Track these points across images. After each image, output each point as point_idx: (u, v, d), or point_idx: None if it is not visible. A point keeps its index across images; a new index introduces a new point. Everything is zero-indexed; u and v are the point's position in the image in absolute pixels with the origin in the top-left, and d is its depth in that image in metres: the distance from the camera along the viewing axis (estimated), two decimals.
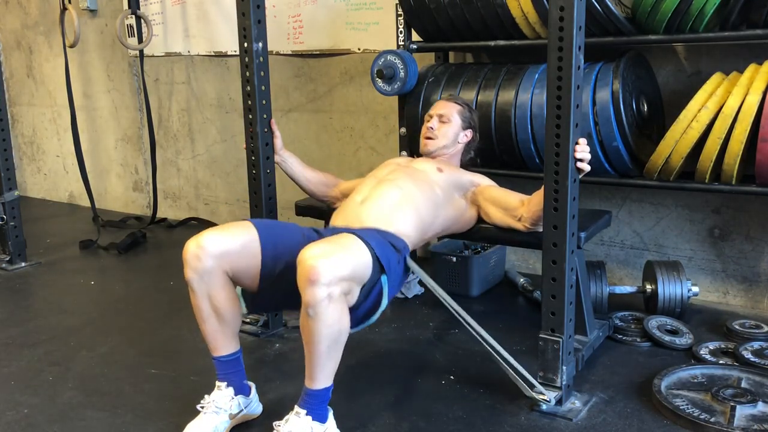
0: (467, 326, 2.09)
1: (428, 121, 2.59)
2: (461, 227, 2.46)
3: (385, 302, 2.01)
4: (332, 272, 1.72)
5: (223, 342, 1.99)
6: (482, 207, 2.42)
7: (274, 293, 2.05)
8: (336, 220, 2.31)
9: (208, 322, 1.96)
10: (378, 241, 1.97)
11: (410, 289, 3.04)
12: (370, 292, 1.94)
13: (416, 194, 2.28)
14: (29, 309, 3.10)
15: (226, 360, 1.99)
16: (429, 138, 2.54)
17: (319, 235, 2.11)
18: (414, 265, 2.18)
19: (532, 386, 2.05)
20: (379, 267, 1.92)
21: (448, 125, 2.54)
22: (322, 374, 1.80)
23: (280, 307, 2.22)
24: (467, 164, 2.62)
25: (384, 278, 1.96)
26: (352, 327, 1.89)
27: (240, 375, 2.01)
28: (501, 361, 2.06)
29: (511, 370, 2.06)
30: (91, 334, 2.74)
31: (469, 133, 2.59)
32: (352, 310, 1.87)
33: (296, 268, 1.77)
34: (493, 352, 2.07)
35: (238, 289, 2.05)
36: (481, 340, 2.08)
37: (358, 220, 2.19)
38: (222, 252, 1.92)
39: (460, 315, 2.09)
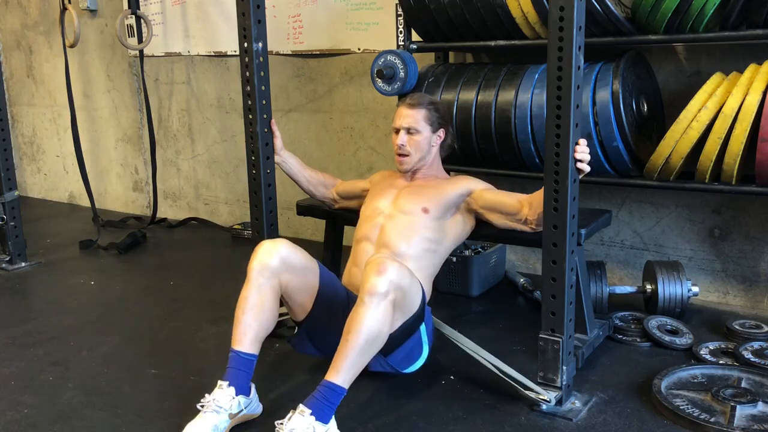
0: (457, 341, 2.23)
1: (395, 137, 2.45)
2: (462, 239, 2.47)
3: (426, 350, 2.18)
4: (397, 275, 1.89)
5: (250, 338, 2.02)
6: (481, 215, 2.40)
7: (316, 333, 2.22)
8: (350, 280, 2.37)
9: (247, 313, 2.03)
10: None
11: None
12: (407, 336, 2.07)
13: (414, 255, 2.29)
14: (29, 309, 3.10)
15: (243, 357, 2.01)
16: (402, 155, 2.44)
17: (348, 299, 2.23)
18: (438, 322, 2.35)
19: (529, 390, 2.07)
20: (422, 312, 2.07)
21: (417, 136, 2.42)
22: (348, 370, 1.84)
23: (317, 350, 2.27)
24: (447, 156, 2.57)
25: (423, 327, 2.11)
26: (395, 365, 2.08)
27: (246, 377, 2.01)
28: (498, 372, 2.13)
29: (508, 379, 2.11)
30: (91, 334, 2.74)
31: (441, 132, 2.48)
32: (389, 347, 1.99)
33: (343, 320, 1.90)
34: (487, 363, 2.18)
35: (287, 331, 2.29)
36: (468, 349, 2.24)
37: None
38: (289, 262, 2.09)
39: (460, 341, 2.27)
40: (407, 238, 2.30)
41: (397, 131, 2.45)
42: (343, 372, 1.84)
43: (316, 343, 2.24)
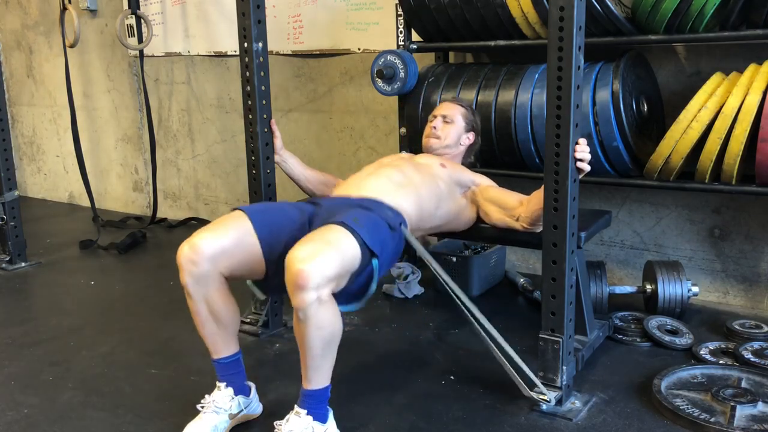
0: (468, 315, 2.08)
1: (431, 121, 2.60)
2: (460, 225, 2.46)
3: (374, 284, 1.97)
4: (320, 275, 1.69)
5: (222, 344, 1.98)
6: (481, 206, 2.42)
7: (282, 275, 1.98)
8: (337, 189, 2.35)
9: (206, 325, 1.96)
10: (370, 223, 1.93)
11: (410, 289, 3.04)
12: (359, 275, 1.89)
13: (419, 181, 2.30)
14: (29, 309, 3.10)
15: (225, 362, 1.99)
16: (432, 137, 2.57)
17: (315, 206, 2.13)
18: (413, 239, 2.14)
19: (532, 385, 2.05)
20: (369, 253, 1.88)
21: (451, 126, 2.56)
22: (318, 375, 1.80)
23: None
24: (467, 168, 2.62)
25: (375, 262, 1.91)
26: (341, 304, 1.87)
27: (240, 376, 2.01)
28: (503, 358, 2.06)
29: (511, 367, 2.05)
30: (91, 334, 2.74)
31: (471, 135, 2.61)
32: (339, 292, 1.84)
33: (301, 233, 1.81)
34: (493, 345, 2.07)
35: (248, 281, 2.06)
36: (479, 329, 2.08)
37: (357, 189, 2.23)
38: (217, 252, 1.89)
39: (459, 298, 2.10)
40: (419, 171, 2.34)
41: (434, 118, 2.59)
42: (314, 378, 1.79)
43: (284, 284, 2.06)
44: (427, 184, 2.31)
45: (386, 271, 2.12)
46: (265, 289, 2.11)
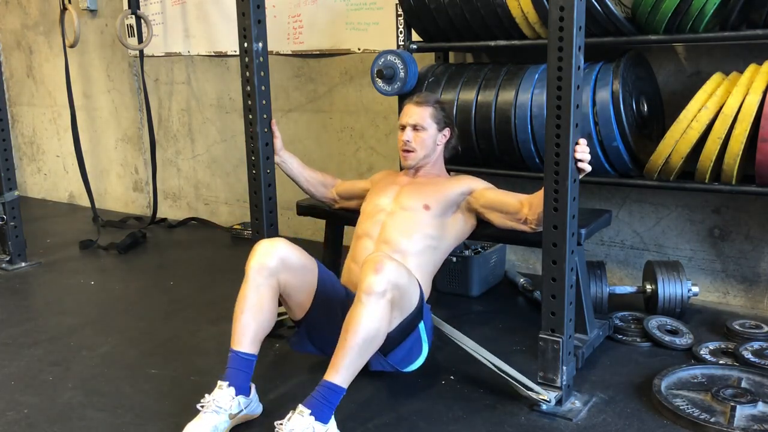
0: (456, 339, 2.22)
1: (401, 133, 2.48)
2: (462, 238, 2.48)
3: (425, 348, 2.17)
4: (395, 273, 1.88)
5: (249, 339, 2.02)
6: (482, 214, 2.40)
7: (315, 332, 2.22)
8: (353, 275, 2.34)
9: (246, 313, 2.03)
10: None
11: None
12: (407, 334, 2.06)
13: (415, 251, 2.30)
14: (29, 309, 3.10)
15: (243, 357, 2.00)
16: (407, 151, 2.46)
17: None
18: (439, 321, 2.36)
19: (530, 390, 2.06)
20: (420, 310, 2.07)
21: (423, 133, 2.45)
22: (346, 370, 1.84)
23: (316, 349, 2.27)
24: (450, 157, 2.59)
25: (422, 325, 2.10)
26: (395, 364, 2.07)
27: (246, 377, 2.01)
28: (498, 371, 2.13)
29: (508, 378, 2.11)
30: (91, 334, 2.74)
31: (446, 132, 2.51)
32: (388, 346, 2.00)
33: (342, 318, 1.91)
34: (488, 363, 2.17)
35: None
36: (469, 349, 2.23)
37: None
38: (287, 261, 2.09)
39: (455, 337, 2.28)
40: (408, 235, 2.31)
41: (403, 128, 2.48)
42: (342, 371, 1.84)
43: (315, 342, 2.24)
44: (423, 248, 2.32)
45: (430, 343, 2.24)
46: (294, 337, 2.30)
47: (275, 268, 2.06)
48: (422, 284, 2.19)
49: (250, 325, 2.02)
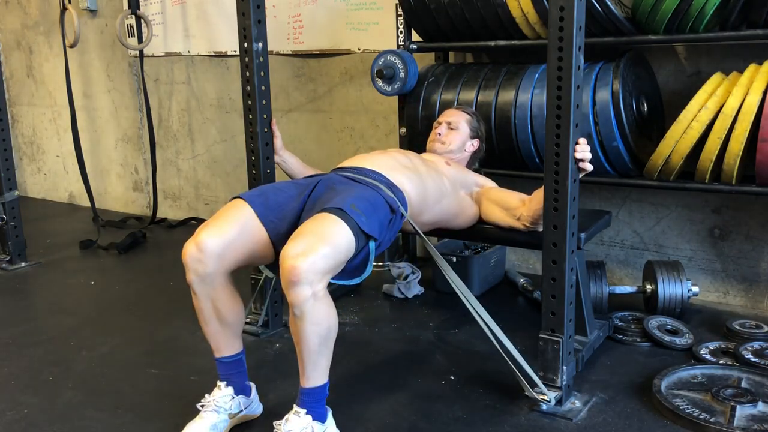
0: (471, 308, 2.06)
1: (436, 127, 2.62)
2: (462, 223, 2.46)
3: (370, 265, 1.96)
4: (314, 270, 1.69)
5: (225, 343, 1.98)
6: (483, 207, 2.43)
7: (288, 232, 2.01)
8: (343, 162, 2.35)
9: (210, 323, 1.96)
10: (368, 205, 1.92)
11: (410, 289, 3.04)
12: (355, 257, 1.89)
13: (425, 171, 2.31)
14: (29, 309, 3.10)
15: (228, 361, 1.99)
16: (437, 142, 2.59)
17: (314, 181, 2.11)
18: (414, 224, 2.14)
19: (533, 385, 2.05)
20: (365, 237, 1.88)
21: (455, 132, 2.59)
22: (316, 372, 1.80)
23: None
24: (474, 169, 2.65)
25: (372, 244, 1.92)
26: (335, 279, 1.86)
27: (242, 375, 2.01)
28: (504, 355, 2.06)
29: (513, 365, 2.06)
30: (91, 334, 2.74)
31: (476, 142, 2.63)
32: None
33: (302, 220, 1.83)
34: (496, 343, 2.06)
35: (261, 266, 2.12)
36: (483, 324, 2.07)
37: (362, 162, 2.26)
38: (224, 248, 1.88)
39: (461, 292, 2.08)
40: (426, 165, 2.35)
41: (439, 124, 2.62)
42: (312, 376, 1.80)
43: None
44: (432, 176, 2.32)
45: (384, 249, 2.13)
46: (277, 270, 2.03)
47: (214, 269, 1.88)
48: (409, 191, 2.17)
49: (219, 332, 1.97)
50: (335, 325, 1.80)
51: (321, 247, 1.73)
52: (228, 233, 1.91)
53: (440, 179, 2.35)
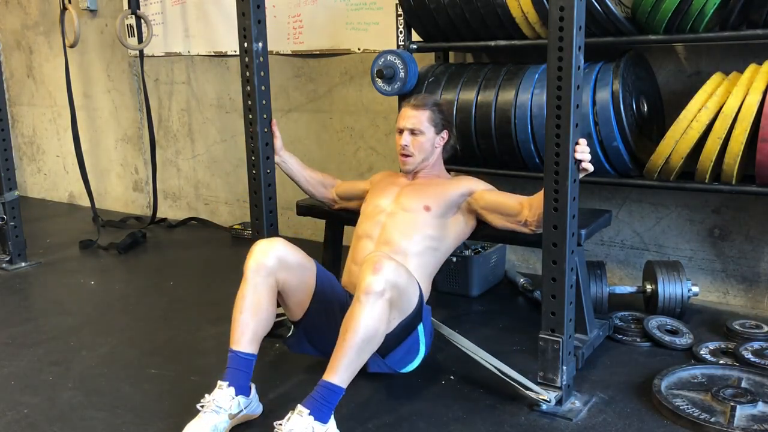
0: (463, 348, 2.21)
1: (399, 137, 2.46)
2: (463, 239, 2.48)
3: (422, 349, 2.16)
4: (394, 274, 1.89)
5: (248, 338, 2.02)
6: (481, 215, 2.40)
7: (314, 333, 2.21)
8: (352, 276, 2.34)
9: (244, 312, 2.03)
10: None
11: None
12: (405, 336, 2.06)
13: (415, 252, 2.30)
14: (29, 309, 3.10)
15: (242, 356, 2.00)
16: (405, 156, 2.45)
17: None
18: (439, 324, 2.36)
19: (530, 389, 2.06)
20: (419, 312, 2.06)
21: (421, 137, 2.42)
22: (345, 370, 1.84)
23: (315, 350, 2.27)
24: (449, 157, 2.58)
25: (420, 327, 2.10)
26: (392, 365, 2.07)
27: (246, 377, 2.01)
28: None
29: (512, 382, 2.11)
30: (91, 334, 2.74)
31: (444, 134, 2.49)
32: (386, 347, 2.00)
33: (339, 318, 1.92)
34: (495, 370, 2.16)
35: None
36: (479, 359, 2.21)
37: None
38: (285, 260, 2.09)
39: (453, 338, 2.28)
40: (408, 236, 2.31)
41: (401, 132, 2.45)
42: (340, 371, 1.83)
43: (313, 343, 2.24)
44: (423, 248, 2.32)
45: (429, 344, 2.25)
46: (292, 337, 2.28)
47: (273, 268, 2.06)
48: (422, 285, 2.19)
49: (248, 325, 2.02)
50: (382, 335, 1.90)
51: (404, 269, 1.99)
52: (293, 256, 2.13)
53: (428, 240, 2.33)
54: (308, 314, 2.19)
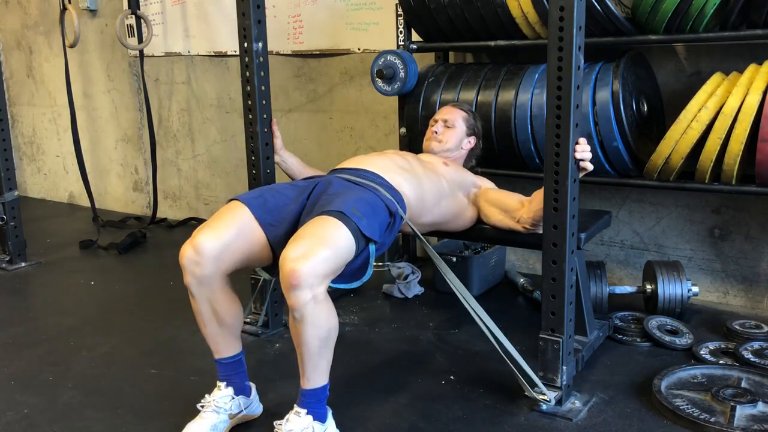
0: (471, 311, 2.06)
1: (432, 125, 2.62)
2: (460, 225, 2.46)
3: (370, 269, 1.95)
4: (314, 273, 1.68)
5: (224, 344, 1.98)
6: (482, 208, 2.42)
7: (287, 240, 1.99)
8: (341, 164, 2.34)
9: (208, 325, 1.96)
10: (368, 208, 1.92)
11: (410, 289, 3.04)
12: (354, 260, 1.88)
13: (422, 173, 2.30)
14: (29, 309, 3.10)
15: (227, 362, 1.99)
16: (433, 140, 2.58)
17: (313, 182, 2.12)
18: (412, 226, 2.17)
19: (533, 385, 2.05)
20: (365, 240, 1.87)
21: (452, 130, 2.58)
22: (316, 373, 1.79)
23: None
24: (470, 167, 2.65)
25: (372, 247, 1.91)
26: (335, 282, 1.86)
27: (242, 376, 2.01)
28: (504, 355, 2.06)
29: (512, 365, 2.06)
30: (91, 334, 2.74)
31: (472, 140, 2.62)
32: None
33: (301, 223, 1.82)
34: (496, 343, 2.06)
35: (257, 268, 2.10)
36: (482, 325, 2.06)
37: (360, 163, 2.25)
38: (221, 250, 1.87)
39: (460, 293, 2.08)
40: (423, 167, 2.34)
41: (435, 122, 2.61)
42: (312, 377, 1.79)
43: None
44: (430, 178, 2.32)
45: (383, 252, 2.12)
46: (274, 272, 2.05)
47: (212, 271, 1.88)
48: (408, 193, 2.17)
49: (218, 334, 1.97)
50: (335, 327, 1.79)
51: (321, 250, 1.71)
52: (225, 235, 1.90)
53: (438, 181, 2.34)
54: (274, 250, 2.00)
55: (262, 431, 1.99)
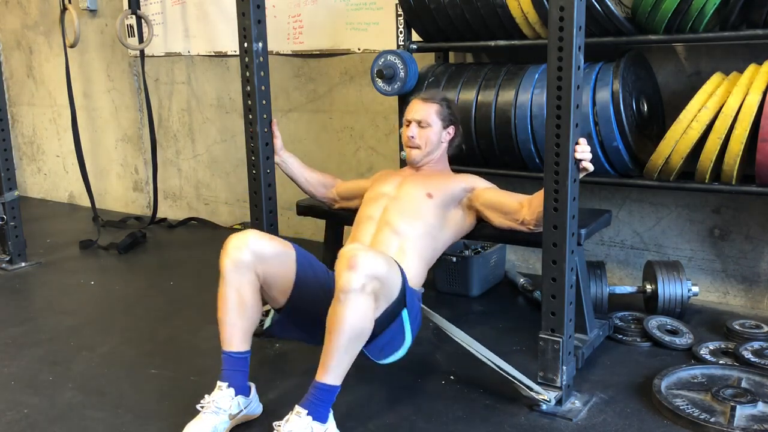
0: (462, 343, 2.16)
1: (407, 126, 2.49)
2: (461, 236, 2.47)
3: (409, 337, 2.08)
4: (371, 266, 1.79)
5: (238, 337, 2.00)
6: (481, 212, 2.41)
7: (298, 316, 2.14)
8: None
9: (230, 313, 2.00)
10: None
11: None
12: (389, 322, 1.98)
13: (414, 236, 2.28)
14: (29, 309, 3.10)
15: (236, 357, 2.00)
16: (412, 147, 2.48)
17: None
18: (430, 312, 2.31)
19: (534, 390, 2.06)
20: (403, 296, 1.98)
21: (428, 130, 2.45)
22: (336, 369, 1.81)
23: (300, 333, 2.23)
24: (453, 155, 2.59)
25: (405, 312, 2.02)
26: (373, 355, 1.99)
27: (243, 376, 2.01)
28: (511, 378, 2.09)
29: (513, 380, 2.09)
30: (91, 334, 2.74)
31: (451, 129, 2.51)
32: (372, 337, 1.92)
33: (324, 300, 1.85)
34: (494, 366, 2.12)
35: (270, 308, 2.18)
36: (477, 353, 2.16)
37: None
38: (261, 252, 2.02)
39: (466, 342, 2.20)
40: (409, 219, 2.31)
41: (409, 124, 2.49)
42: (332, 371, 1.82)
43: (299, 326, 2.18)
44: (422, 234, 2.30)
45: (417, 330, 2.17)
46: (276, 323, 2.22)
47: (250, 262, 2.01)
48: (414, 269, 2.19)
49: (236, 325, 2.00)
50: (369, 330, 1.84)
51: (382, 257, 1.88)
52: (268, 246, 2.06)
53: (427, 225, 2.31)
54: (291, 300, 2.12)
55: (262, 431, 1.99)
